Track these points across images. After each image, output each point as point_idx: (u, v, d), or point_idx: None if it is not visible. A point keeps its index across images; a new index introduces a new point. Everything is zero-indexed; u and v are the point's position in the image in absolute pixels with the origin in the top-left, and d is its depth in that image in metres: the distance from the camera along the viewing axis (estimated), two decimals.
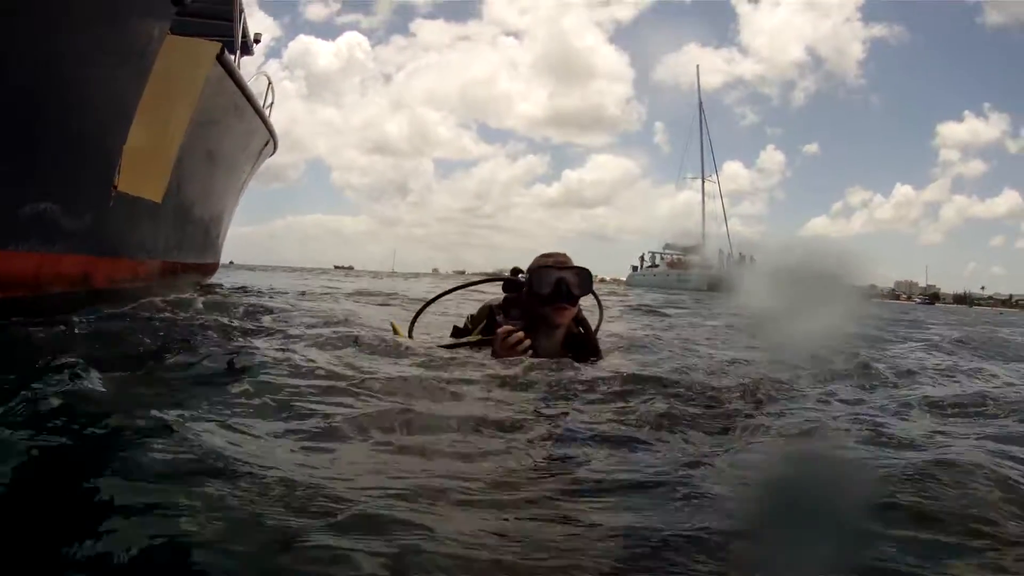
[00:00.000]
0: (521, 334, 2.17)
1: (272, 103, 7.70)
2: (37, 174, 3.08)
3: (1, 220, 2.91)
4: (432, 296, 2.65)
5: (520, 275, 2.37)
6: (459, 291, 2.79)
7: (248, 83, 6.40)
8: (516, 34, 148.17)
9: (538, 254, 2.40)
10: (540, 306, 2.23)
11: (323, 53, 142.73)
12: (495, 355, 2.19)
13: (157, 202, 4.56)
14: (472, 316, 2.48)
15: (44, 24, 2.85)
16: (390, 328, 2.69)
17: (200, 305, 3.76)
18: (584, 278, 2.31)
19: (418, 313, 2.66)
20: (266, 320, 3.41)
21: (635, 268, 51.26)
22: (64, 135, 3.22)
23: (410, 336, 2.57)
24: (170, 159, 4.60)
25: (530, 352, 2.16)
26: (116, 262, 4.22)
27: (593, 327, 2.43)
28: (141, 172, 4.15)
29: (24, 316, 3.03)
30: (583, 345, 2.34)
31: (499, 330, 2.20)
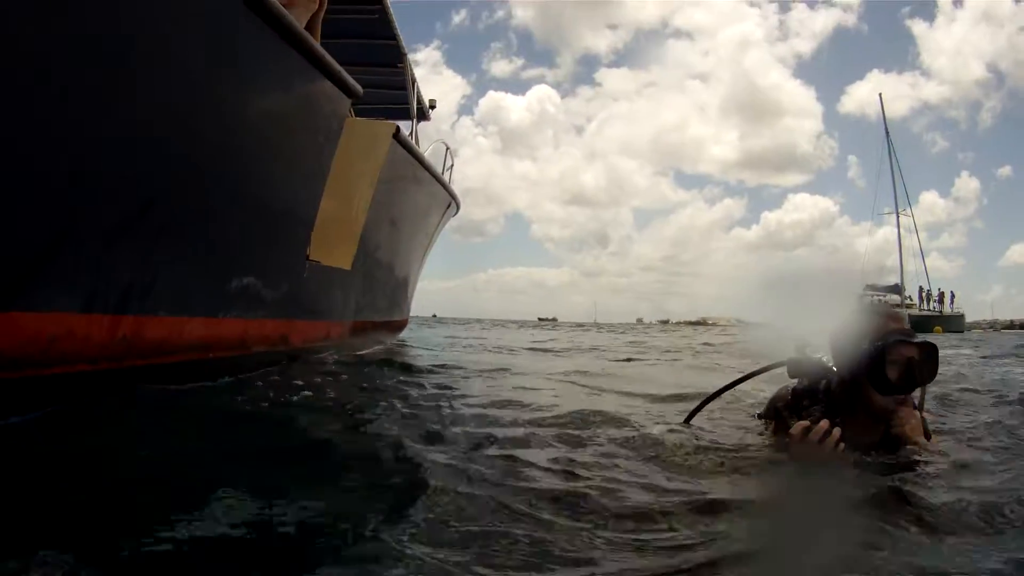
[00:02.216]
0: (826, 423, 1.61)
1: (452, 166, 8.35)
2: (242, 253, 3.59)
3: (212, 293, 3.40)
4: (719, 387, 2.26)
5: (819, 356, 1.84)
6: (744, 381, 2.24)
7: (428, 150, 7.02)
8: (701, 76, 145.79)
9: (854, 315, 1.80)
10: (865, 394, 1.69)
11: (514, 108, 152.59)
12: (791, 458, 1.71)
13: (347, 268, 5.08)
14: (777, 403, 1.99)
15: (254, 126, 3.38)
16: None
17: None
18: (934, 358, 1.72)
19: (703, 404, 2.30)
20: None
21: None
22: (264, 216, 3.73)
23: (687, 424, 2.26)
24: (357, 229, 5.13)
25: (842, 448, 1.61)
26: (311, 324, 4.74)
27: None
28: (331, 243, 4.67)
29: (230, 374, 3.51)
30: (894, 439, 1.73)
31: (794, 428, 1.66)
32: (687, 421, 2.31)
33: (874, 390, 1.71)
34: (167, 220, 2.92)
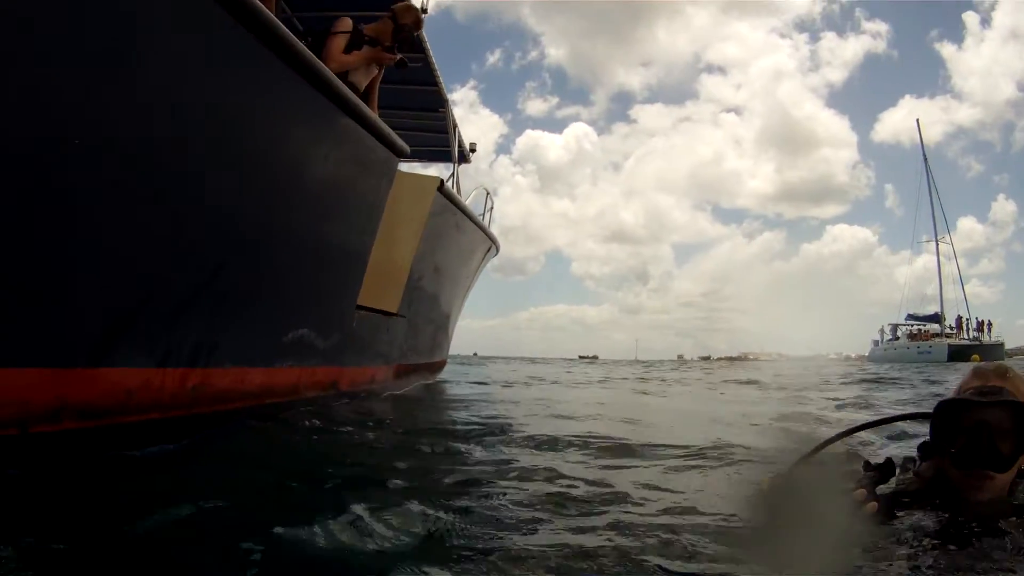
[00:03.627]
0: (862, 493, 1.34)
1: (492, 208, 8.64)
2: (298, 306, 3.83)
3: (269, 344, 3.64)
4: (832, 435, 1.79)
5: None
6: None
7: (470, 197, 7.29)
8: (736, 110, 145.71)
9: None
10: (948, 466, 1.42)
11: (552, 146, 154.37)
12: None
13: (393, 315, 5.31)
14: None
15: (313, 188, 3.65)
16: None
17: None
18: (1021, 420, 1.37)
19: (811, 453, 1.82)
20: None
21: (876, 343, 46.09)
22: (319, 272, 3.99)
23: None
24: (404, 277, 5.38)
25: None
26: (358, 370, 4.95)
27: None
28: (380, 292, 4.91)
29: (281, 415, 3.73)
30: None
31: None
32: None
33: (951, 462, 1.41)
34: (234, 283, 3.18)
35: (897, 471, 1.52)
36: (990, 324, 40.81)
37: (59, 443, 2.47)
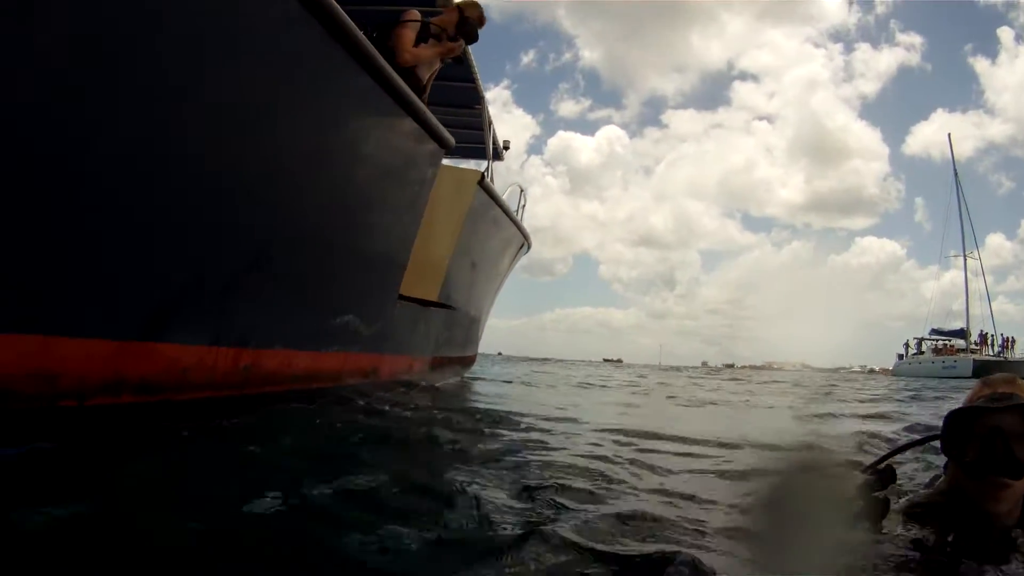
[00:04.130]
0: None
1: (524, 205, 8.62)
2: (344, 293, 3.87)
3: (317, 329, 3.68)
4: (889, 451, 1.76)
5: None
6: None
7: (506, 193, 7.28)
8: (768, 118, 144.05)
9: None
10: (963, 478, 1.36)
11: (584, 148, 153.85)
12: None
13: (431, 306, 5.34)
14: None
15: (361, 178, 3.68)
16: None
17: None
18: None
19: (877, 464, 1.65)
20: None
21: (900, 356, 45.43)
22: (365, 259, 4.02)
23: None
24: (443, 268, 5.41)
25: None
26: (398, 358, 4.98)
27: None
28: (420, 282, 4.94)
29: (324, 401, 3.76)
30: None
31: None
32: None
33: (964, 473, 1.36)
34: (284, 266, 3.22)
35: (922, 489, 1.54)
36: (1013, 341, 40.13)
37: (115, 416, 2.52)
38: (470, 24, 4.36)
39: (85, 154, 2.17)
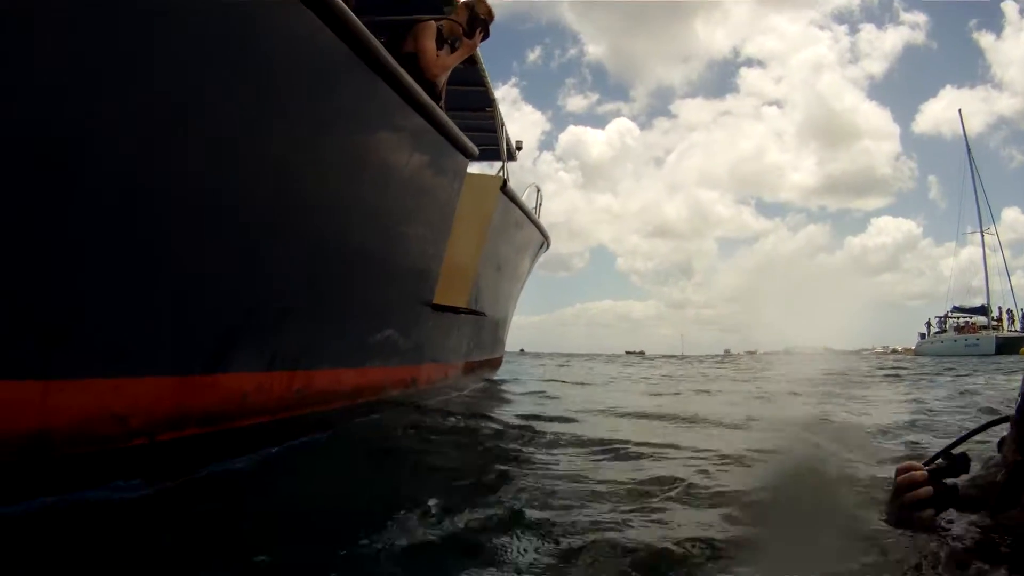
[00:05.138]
0: (927, 490, 1.32)
1: (541, 204, 8.67)
2: (384, 309, 3.94)
3: (361, 346, 3.75)
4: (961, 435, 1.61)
5: None
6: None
7: (525, 194, 7.33)
8: (776, 103, 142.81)
9: None
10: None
11: (594, 142, 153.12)
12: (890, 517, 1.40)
13: (462, 312, 5.40)
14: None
15: (396, 197, 3.75)
16: None
17: None
18: None
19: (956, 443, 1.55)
20: None
21: (922, 336, 45.04)
22: (401, 275, 4.08)
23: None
24: (472, 275, 5.47)
25: (932, 517, 1.33)
26: (434, 367, 5.05)
27: None
28: (450, 290, 5.00)
29: (367, 414, 3.85)
30: None
31: (897, 471, 1.38)
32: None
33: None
34: (329, 291, 3.30)
35: (980, 468, 1.46)
36: None
37: (184, 450, 2.60)
38: (482, 21, 4.34)
39: (161, 212, 2.26)
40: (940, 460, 1.42)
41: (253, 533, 1.77)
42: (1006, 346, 34.67)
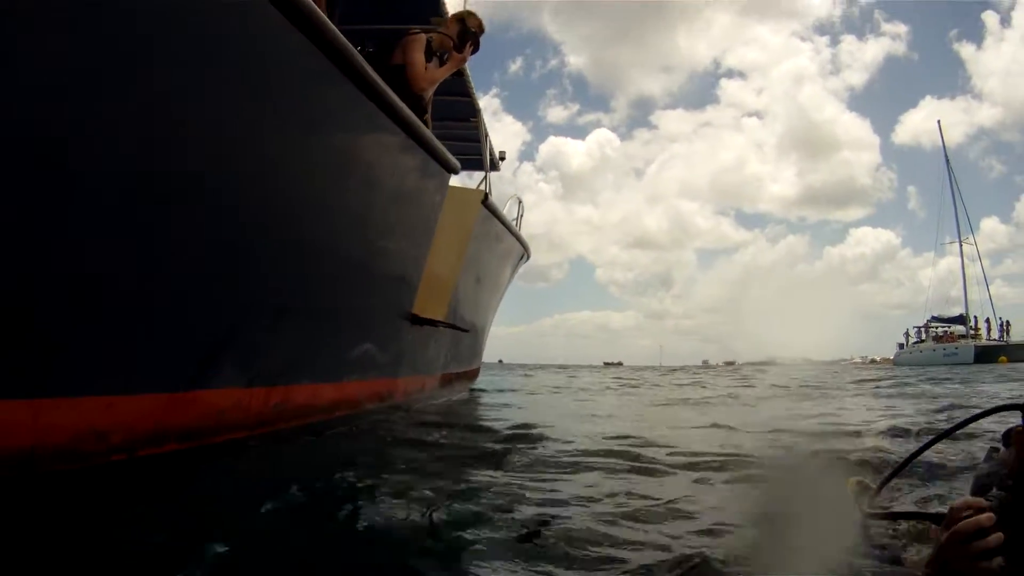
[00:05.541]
0: (994, 537, 0.99)
1: (522, 215, 8.73)
2: (362, 324, 3.96)
3: (337, 361, 3.77)
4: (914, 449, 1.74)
5: None
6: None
7: (506, 206, 7.38)
8: (757, 114, 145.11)
9: None
10: None
11: (575, 153, 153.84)
12: (934, 562, 1.09)
13: (440, 325, 5.43)
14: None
15: (379, 212, 3.78)
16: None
17: None
18: None
19: (895, 472, 1.74)
20: None
21: (901, 346, 45.89)
22: (382, 289, 4.11)
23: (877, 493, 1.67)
24: (451, 287, 5.50)
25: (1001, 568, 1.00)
26: (411, 379, 5.07)
27: None
28: (429, 303, 5.02)
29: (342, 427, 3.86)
30: None
31: (954, 512, 1.05)
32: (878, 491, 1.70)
33: None
34: (309, 310, 3.31)
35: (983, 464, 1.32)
36: (1009, 324, 40.57)
37: (162, 465, 2.60)
38: (473, 34, 4.32)
39: (150, 234, 2.28)
40: (998, 491, 1.17)
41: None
42: (984, 355, 35.03)
